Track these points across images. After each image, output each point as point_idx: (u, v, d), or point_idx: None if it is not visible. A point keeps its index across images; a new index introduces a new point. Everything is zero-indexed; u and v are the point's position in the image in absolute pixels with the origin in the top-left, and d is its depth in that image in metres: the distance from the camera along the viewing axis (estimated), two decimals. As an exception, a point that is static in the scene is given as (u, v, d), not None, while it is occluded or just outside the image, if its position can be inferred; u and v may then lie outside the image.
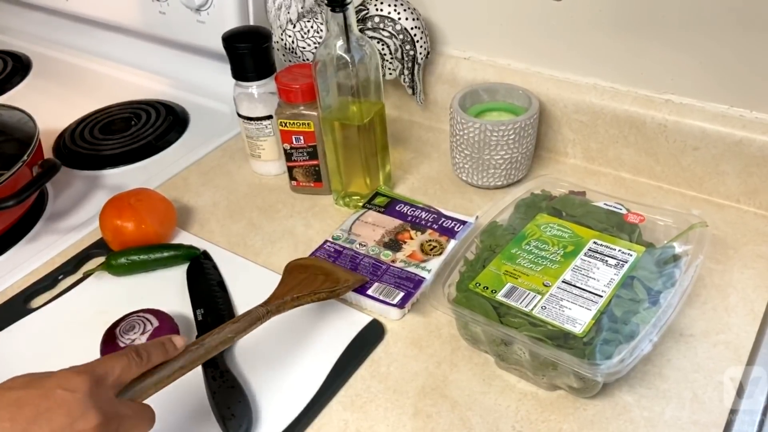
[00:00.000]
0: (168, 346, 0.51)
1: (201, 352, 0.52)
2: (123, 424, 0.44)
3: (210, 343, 0.53)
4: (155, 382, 0.49)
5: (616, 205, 0.67)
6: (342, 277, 0.66)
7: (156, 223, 0.75)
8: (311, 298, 0.62)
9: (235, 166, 0.91)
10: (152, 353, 0.49)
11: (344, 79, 0.72)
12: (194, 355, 0.52)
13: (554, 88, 0.82)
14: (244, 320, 0.57)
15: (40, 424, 0.40)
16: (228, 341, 0.55)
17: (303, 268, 0.67)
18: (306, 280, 0.64)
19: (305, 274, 0.65)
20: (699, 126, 0.74)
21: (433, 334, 0.64)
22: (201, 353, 0.52)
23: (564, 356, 0.53)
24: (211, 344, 0.53)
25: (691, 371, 0.59)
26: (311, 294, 0.62)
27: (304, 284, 0.63)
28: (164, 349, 0.50)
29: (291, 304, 0.61)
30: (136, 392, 0.48)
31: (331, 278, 0.65)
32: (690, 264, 0.59)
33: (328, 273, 0.66)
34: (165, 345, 0.51)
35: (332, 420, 0.58)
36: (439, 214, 0.75)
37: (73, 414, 0.41)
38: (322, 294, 0.63)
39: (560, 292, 0.58)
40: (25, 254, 0.79)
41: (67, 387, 0.42)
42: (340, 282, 0.65)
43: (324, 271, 0.67)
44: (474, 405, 0.58)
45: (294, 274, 0.65)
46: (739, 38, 0.69)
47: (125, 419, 0.45)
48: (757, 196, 0.74)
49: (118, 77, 1.15)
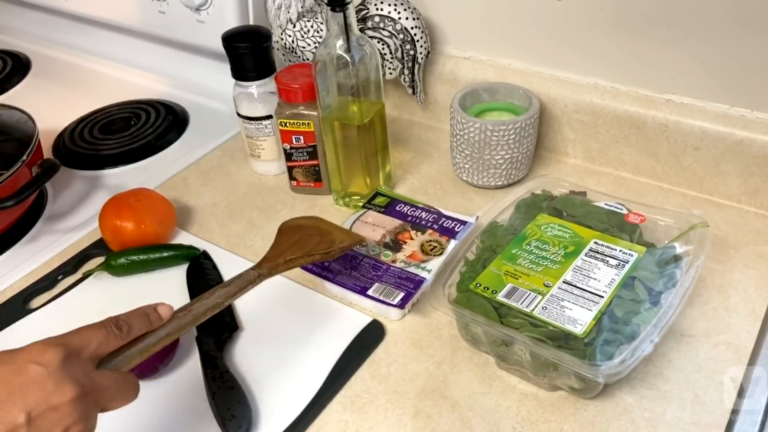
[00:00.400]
0: (152, 316, 0.48)
1: (189, 318, 0.50)
2: (103, 394, 0.43)
3: (198, 309, 0.51)
4: (140, 351, 0.47)
5: (616, 205, 0.67)
6: (338, 238, 0.63)
7: (155, 223, 0.75)
8: (305, 259, 0.60)
9: (235, 166, 0.90)
10: (134, 325, 0.47)
11: (344, 78, 0.72)
12: (182, 321, 0.50)
13: (555, 88, 0.82)
14: (234, 284, 0.54)
15: (13, 401, 0.39)
16: (217, 306, 0.52)
17: (297, 228, 0.64)
18: (300, 242, 0.61)
19: (299, 234, 0.63)
20: (700, 126, 0.74)
21: (434, 335, 0.64)
22: (189, 320, 0.50)
23: (565, 357, 0.53)
24: (199, 310, 0.51)
25: (692, 372, 0.59)
26: (305, 256, 0.60)
27: (297, 245, 0.61)
28: (147, 319, 0.48)
29: (284, 266, 0.59)
30: (118, 363, 0.45)
31: (326, 239, 0.63)
32: (691, 264, 0.59)
33: (324, 233, 0.63)
34: (149, 315, 0.48)
35: (332, 421, 0.58)
36: (439, 214, 0.75)
37: (47, 388, 0.40)
38: (317, 255, 0.60)
39: (561, 292, 0.58)
40: (25, 254, 0.78)
41: (40, 361, 0.41)
42: (335, 243, 0.62)
43: (319, 230, 0.64)
44: (474, 406, 0.58)
45: (287, 235, 0.63)
46: (739, 38, 0.69)
47: (105, 390, 0.43)
48: (758, 196, 0.74)
49: (118, 77, 1.15)
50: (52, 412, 0.40)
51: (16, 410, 0.39)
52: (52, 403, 0.40)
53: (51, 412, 0.40)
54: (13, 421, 0.38)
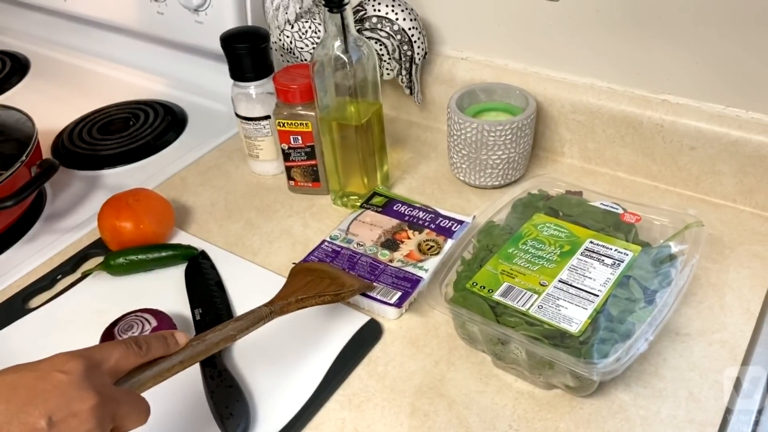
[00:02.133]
0: (170, 340, 0.50)
1: (201, 348, 0.52)
2: (119, 409, 0.44)
3: (212, 339, 0.53)
4: (154, 375, 0.48)
5: (612, 205, 0.68)
6: (348, 282, 0.65)
7: (154, 223, 0.75)
8: (316, 300, 0.62)
9: (233, 166, 0.91)
10: (152, 345, 0.48)
11: (342, 79, 0.72)
12: (195, 350, 0.51)
13: (551, 88, 0.82)
14: (246, 319, 0.56)
15: (35, 404, 0.40)
16: (230, 339, 0.54)
17: (309, 271, 0.66)
18: (311, 283, 0.64)
19: (311, 276, 0.65)
20: (695, 126, 0.74)
21: (431, 334, 0.65)
22: (201, 349, 0.52)
23: (560, 355, 0.53)
24: (212, 341, 0.53)
25: (687, 370, 0.59)
26: (316, 296, 0.62)
27: (309, 286, 0.63)
28: (165, 342, 0.50)
29: (295, 305, 0.61)
30: (133, 384, 0.47)
31: (336, 282, 0.65)
32: (686, 263, 0.60)
33: (334, 277, 0.66)
34: (167, 339, 0.50)
35: (330, 419, 0.58)
36: (436, 213, 0.75)
37: (69, 395, 0.41)
38: (327, 297, 0.63)
39: (557, 291, 0.59)
40: (24, 254, 0.79)
41: (63, 369, 0.42)
42: (345, 286, 0.64)
43: (330, 275, 0.66)
44: (471, 404, 0.58)
45: (299, 277, 0.65)
46: (735, 38, 0.70)
47: (121, 405, 0.44)
48: (753, 196, 0.75)
49: (117, 77, 1.15)
50: (72, 417, 0.41)
51: (38, 414, 0.40)
52: (73, 409, 0.41)
53: (71, 417, 0.41)
54: (34, 425, 0.39)
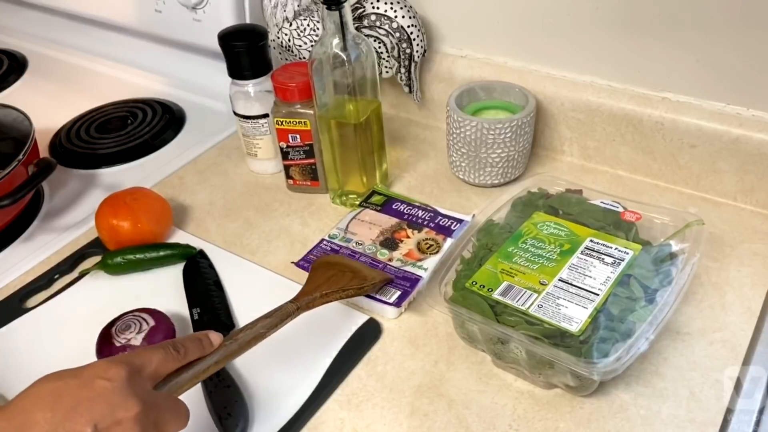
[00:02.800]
0: (204, 341, 0.51)
1: (234, 347, 0.52)
2: (161, 415, 0.44)
3: (243, 338, 0.53)
4: (191, 377, 0.49)
5: (612, 204, 0.67)
6: (369, 275, 0.66)
7: (152, 222, 0.75)
8: (340, 294, 0.62)
9: (232, 165, 0.90)
10: (189, 348, 0.49)
11: (340, 77, 0.72)
12: (228, 350, 0.52)
13: (551, 86, 0.82)
14: (275, 316, 0.57)
15: (80, 412, 0.40)
16: (260, 337, 0.55)
17: (330, 265, 0.66)
18: (334, 277, 0.64)
19: (333, 271, 0.65)
20: (696, 124, 0.74)
21: (430, 333, 0.64)
22: (234, 348, 0.52)
23: (560, 355, 0.53)
24: (244, 339, 0.53)
25: (688, 369, 0.59)
26: (340, 291, 0.62)
27: (332, 281, 0.63)
28: (200, 344, 0.50)
29: (320, 300, 0.61)
30: (172, 387, 0.48)
31: (358, 276, 0.65)
32: (686, 262, 0.59)
33: (355, 270, 0.66)
34: (201, 341, 0.51)
35: (329, 419, 0.58)
36: (435, 212, 0.75)
37: (113, 402, 0.41)
38: (351, 291, 0.63)
39: (557, 290, 0.58)
40: (21, 254, 0.78)
41: (105, 376, 0.42)
42: (367, 279, 0.65)
43: (351, 268, 0.66)
44: (471, 404, 0.58)
45: (321, 271, 0.65)
46: (735, 36, 0.69)
47: (163, 411, 0.44)
48: (753, 194, 0.74)
49: (114, 76, 1.14)
50: (116, 425, 0.41)
51: (84, 421, 0.40)
52: (117, 416, 0.41)
53: (116, 425, 0.41)
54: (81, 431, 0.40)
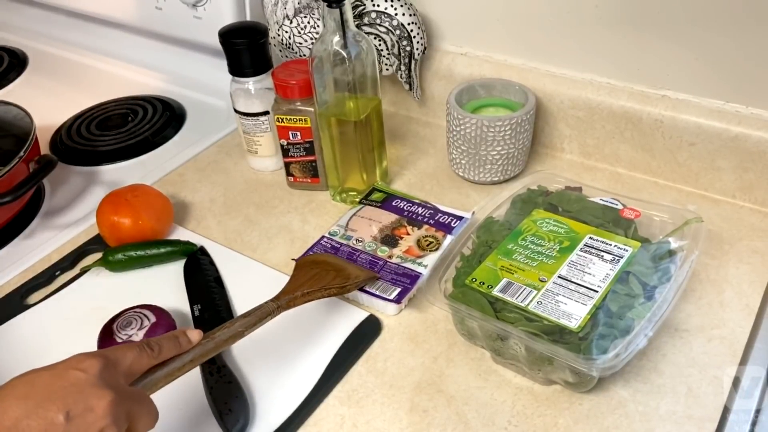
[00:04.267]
0: (181, 339, 0.51)
1: (211, 345, 0.52)
2: (133, 408, 0.45)
3: (221, 337, 0.53)
4: (165, 375, 0.49)
5: (612, 201, 0.67)
6: (353, 274, 0.66)
7: (153, 219, 0.75)
8: (321, 293, 0.62)
9: (232, 162, 0.91)
10: (164, 346, 0.49)
11: (341, 74, 0.72)
12: (204, 348, 0.52)
13: (551, 84, 0.82)
14: (254, 315, 0.57)
15: (53, 400, 0.41)
16: (239, 335, 0.55)
17: (313, 264, 0.67)
18: (316, 276, 0.64)
19: (316, 269, 0.65)
20: (695, 122, 0.74)
21: (430, 330, 0.65)
22: (211, 347, 0.52)
23: (559, 351, 0.53)
24: (221, 338, 0.53)
25: (686, 366, 0.59)
26: (322, 290, 0.62)
27: (314, 280, 0.63)
28: (177, 342, 0.50)
29: (302, 299, 0.61)
30: (147, 384, 0.48)
31: (341, 274, 0.65)
32: (685, 259, 0.60)
33: (339, 269, 0.66)
34: (179, 338, 0.51)
35: (329, 415, 0.58)
36: (435, 209, 0.75)
37: (86, 391, 0.42)
38: (333, 290, 0.63)
39: (556, 287, 0.59)
40: (22, 250, 0.79)
41: (80, 367, 0.43)
42: (350, 278, 0.65)
43: (335, 267, 0.67)
44: (470, 400, 0.58)
45: (304, 270, 0.65)
46: (735, 34, 0.69)
47: (135, 405, 0.45)
48: (752, 192, 0.75)
49: (115, 73, 1.14)
50: (89, 413, 0.41)
51: (56, 408, 0.41)
52: (90, 404, 0.42)
53: (88, 412, 0.41)
54: (53, 419, 0.40)
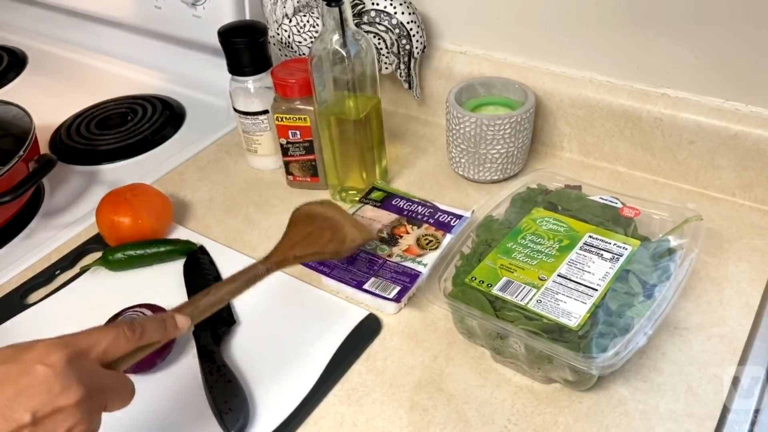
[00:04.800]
0: (169, 323, 0.49)
1: (195, 314, 0.51)
2: (105, 396, 0.44)
3: (205, 303, 0.52)
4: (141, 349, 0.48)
5: (611, 199, 0.67)
6: (349, 235, 0.64)
7: (152, 219, 0.75)
8: (314, 257, 0.61)
9: (232, 161, 0.91)
10: (147, 329, 0.47)
11: (340, 73, 0.72)
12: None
13: (550, 82, 0.82)
14: (241, 280, 0.55)
15: (20, 401, 0.40)
16: (222, 302, 0.53)
17: (310, 218, 0.65)
18: (310, 236, 0.62)
19: (311, 227, 0.63)
20: (695, 120, 0.74)
21: (430, 328, 0.65)
22: (195, 314, 0.51)
23: (559, 349, 0.53)
24: (205, 305, 0.52)
25: (686, 364, 0.59)
26: (314, 254, 0.61)
27: (308, 240, 0.61)
28: (164, 326, 0.49)
29: (293, 261, 0.60)
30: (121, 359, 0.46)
31: (337, 236, 0.63)
32: (685, 257, 0.60)
33: (336, 227, 0.64)
34: (165, 322, 0.49)
35: (329, 414, 0.58)
36: (435, 208, 0.75)
37: (54, 390, 0.41)
38: (326, 254, 0.62)
39: (556, 285, 0.59)
40: (22, 250, 0.79)
41: (46, 362, 0.41)
42: (346, 240, 0.63)
43: (332, 223, 0.64)
44: (470, 398, 0.58)
45: (299, 227, 0.63)
46: (734, 32, 0.69)
47: (108, 392, 0.44)
48: (752, 190, 0.75)
49: (114, 72, 1.14)
50: (57, 413, 0.41)
51: (22, 410, 0.40)
52: (58, 404, 0.41)
53: (56, 413, 0.41)
54: (19, 421, 0.39)
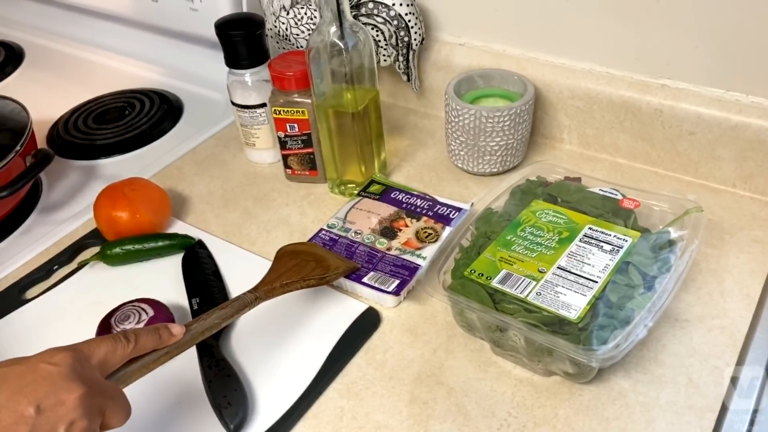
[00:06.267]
0: (163, 332, 0.50)
1: (187, 338, 0.52)
2: (106, 402, 0.44)
3: (197, 329, 0.53)
4: (140, 367, 0.49)
5: (611, 191, 0.67)
6: (333, 264, 0.66)
7: (150, 213, 0.75)
8: (300, 284, 0.62)
9: (230, 155, 0.90)
10: (142, 338, 0.49)
11: (338, 66, 0.71)
12: (181, 340, 0.52)
13: (550, 74, 0.81)
14: (231, 306, 0.57)
15: (24, 393, 0.41)
16: (215, 327, 0.55)
17: (294, 254, 0.67)
18: (296, 267, 0.64)
19: (296, 260, 0.65)
20: (695, 111, 0.74)
21: (429, 322, 0.65)
22: (187, 339, 0.52)
23: (559, 342, 0.53)
24: (197, 330, 0.53)
25: (687, 356, 0.59)
26: (300, 281, 0.62)
27: (294, 270, 0.63)
28: (158, 335, 0.50)
29: (280, 290, 0.61)
30: (120, 377, 0.48)
31: (322, 265, 0.65)
32: (685, 249, 0.59)
33: (320, 259, 0.66)
34: (159, 331, 0.50)
35: (328, 407, 0.58)
36: (434, 201, 0.75)
37: (57, 385, 0.42)
38: (312, 281, 0.63)
39: (555, 278, 0.58)
40: (20, 245, 0.78)
41: (51, 361, 0.43)
42: (330, 269, 0.65)
43: (315, 257, 0.66)
44: (470, 391, 0.58)
45: (284, 260, 0.65)
46: (735, 22, 0.69)
47: (108, 399, 0.45)
48: (752, 181, 0.74)
49: (112, 66, 1.14)
50: (59, 406, 0.41)
51: (26, 402, 0.41)
52: (61, 397, 0.42)
53: (59, 406, 0.41)
54: (23, 412, 0.40)
